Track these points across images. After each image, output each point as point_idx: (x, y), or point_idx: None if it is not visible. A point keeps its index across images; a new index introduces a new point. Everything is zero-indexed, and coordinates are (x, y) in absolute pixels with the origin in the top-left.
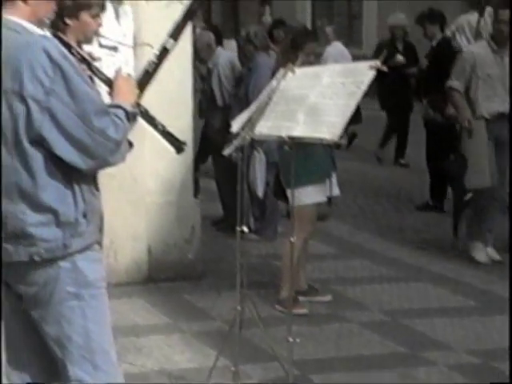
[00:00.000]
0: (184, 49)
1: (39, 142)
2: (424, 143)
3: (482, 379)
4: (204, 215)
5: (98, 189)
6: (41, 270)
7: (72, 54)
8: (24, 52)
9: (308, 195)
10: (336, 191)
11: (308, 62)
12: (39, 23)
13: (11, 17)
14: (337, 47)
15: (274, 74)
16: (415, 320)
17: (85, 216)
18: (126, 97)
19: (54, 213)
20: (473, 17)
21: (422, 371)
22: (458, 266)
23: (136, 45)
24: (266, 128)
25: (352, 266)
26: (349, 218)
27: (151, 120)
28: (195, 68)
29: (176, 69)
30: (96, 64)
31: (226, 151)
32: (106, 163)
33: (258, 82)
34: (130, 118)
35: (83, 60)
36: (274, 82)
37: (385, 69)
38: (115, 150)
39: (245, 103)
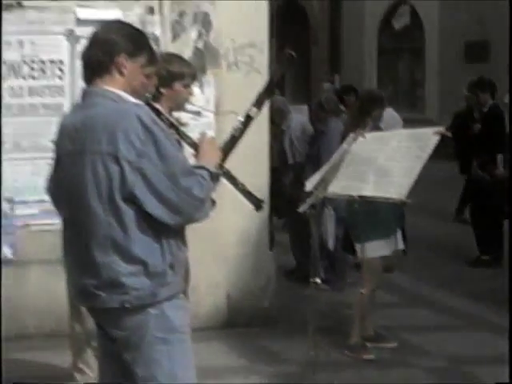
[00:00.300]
0: (262, 113)
1: (131, 200)
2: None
3: None
4: (277, 266)
5: (184, 243)
6: (132, 316)
7: (162, 119)
8: (119, 118)
9: (375, 249)
10: (401, 245)
11: (375, 127)
12: (133, 92)
13: (108, 87)
14: (388, 112)
15: (343, 136)
16: (476, 367)
17: (171, 267)
18: (210, 159)
19: (144, 264)
20: None
21: None
22: None
23: (219, 112)
24: (338, 187)
25: (415, 314)
26: (412, 270)
27: (233, 180)
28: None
29: (254, 131)
30: (183, 128)
31: (301, 208)
32: (191, 219)
33: (330, 144)
34: (214, 178)
35: (172, 125)
36: (345, 145)
37: (449, 134)
38: (200, 207)
39: (317, 163)
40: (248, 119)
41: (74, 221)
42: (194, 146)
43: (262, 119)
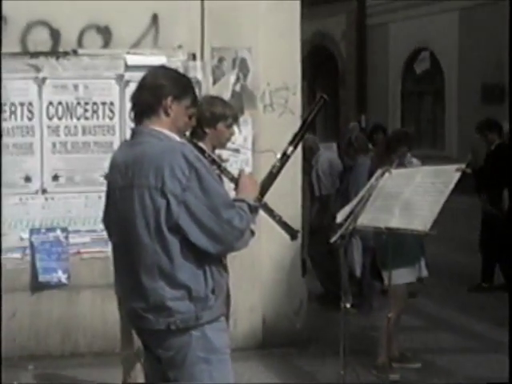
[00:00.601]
0: (297, 151)
1: (176, 230)
2: None
3: None
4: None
5: (225, 270)
6: (176, 338)
7: (204, 156)
8: (165, 156)
9: (401, 276)
10: (425, 272)
11: (401, 164)
12: (178, 131)
13: (155, 127)
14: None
15: (371, 172)
16: None
17: (213, 292)
18: (249, 193)
19: (188, 289)
20: None
21: None
22: None
23: (256, 150)
24: (366, 220)
25: (439, 337)
26: (436, 296)
27: (270, 212)
28: None
29: (289, 167)
30: (224, 164)
31: (333, 239)
32: (232, 249)
33: (358, 179)
34: (252, 210)
35: (213, 161)
36: (373, 180)
37: (469, 171)
38: (240, 237)
39: (346, 197)
40: (285, 157)
41: (124, 249)
42: (235, 180)
43: (296, 156)
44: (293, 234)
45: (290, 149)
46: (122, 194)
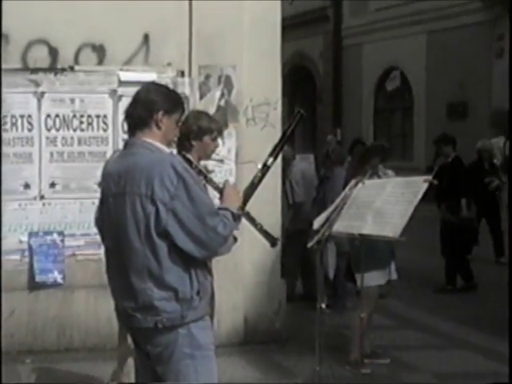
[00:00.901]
0: (277, 162)
1: (164, 235)
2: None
3: None
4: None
5: (210, 273)
6: (163, 335)
7: (192, 167)
8: (156, 166)
9: (372, 279)
10: (394, 275)
11: (376, 174)
12: (168, 143)
13: (147, 139)
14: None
15: (346, 182)
16: (460, 382)
17: (198, 294)
18: (233, 202)
19: (175, 291)
20: (500, 140)
21: None
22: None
23: (239, 161)
24: (341, 226)
25: (407, 335)
26: (405, 297)
27: (252, 220)
28: None
29: (270, 177)
30: (209, 175)
31: (309, 244)
32: (215, 253)
33: (334, 189)
34: (236, 218)
35: (200, 172)
36: (347, 190)
37: (435, 182)
38: (223, 243)
39: (323, 205)
40: (265, 168)
41: (116, 252)
42: (219, 190)
43: (276, 167)
44: (273, 241)
45: (271, 160)
46: (115, 201)
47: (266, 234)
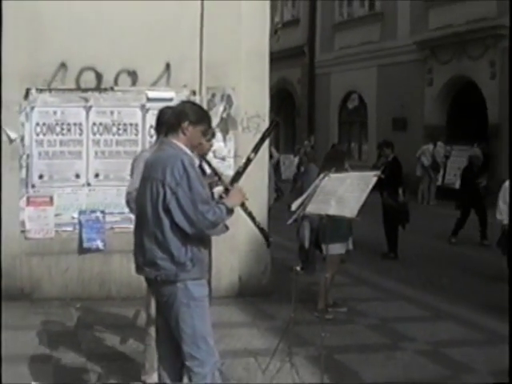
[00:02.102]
0: (263, 157)
1: (167, 212)
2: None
3: None
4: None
5: (205, 247)
6: (166, 287)
7: (212, 169)
8: (170, 159)
9: (335, 249)
10: (351, 246)
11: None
12: (192, 147)
13: (174, 140)
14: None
15: (318, 175)
16: (399, 326)
17: (191, 260)
18: (234, 200)
19: (171, 255)
20: (430, 146)
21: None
22: (425, 293)
23: (236, 158)
24: (312, 209)
25: (360, 291)
26: (358, 262)
27: (253, 218)
28: None
29: (258, 171)
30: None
31: (288, 222)
32: (202, 233)
33: (309, 180)
34: (229, 212)
35: (216, 173)
36: (317, 181)
37: (382, 176)
38: (210, 226)
39: (300, 193)
40: (248, 161)
41: (139, 220)
42: (226, 188)
43: (264, 163)
44: (268, 240)
45: (253, 154)
46: (144, 184)
47: (262, 231)
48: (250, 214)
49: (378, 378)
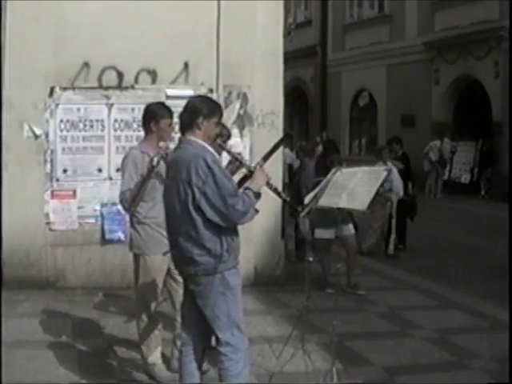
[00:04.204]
0: (278, 160)
1: (198, 210)
2: None
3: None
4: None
5: (237, 234)
6: (204, 278)
7: (232, 155)
8: (192, 160)
9: (321, 233)
10: (349, 232)
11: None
12: (209, 139)
13: (191, 137)
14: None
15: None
16: (408, 314)
17: (227, 251)
18: (259, 181)
19: (208, 250)
20: (437, 142)
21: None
22: (431, 282)
23: (252, 155)
24: (324, 202)
25: (371, 280)
26: (371, 253)
27: (278, 193)
28: None
29: (270, 166)
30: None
31: (302, 214)
32: (236, 223)
33: (305, 175)
34: (256, 195)
35: (236, 159)
36: (329, 176)
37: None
38: (241, 216)
39: (296, 188)
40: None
41: (171, 218)
42: (250, 172)
43: (278, 164)
44: (295, 211)
45: (262, 162)
46: (169, 183)
47: (289, 205)
48: (276, 191)
49: (386, 364)
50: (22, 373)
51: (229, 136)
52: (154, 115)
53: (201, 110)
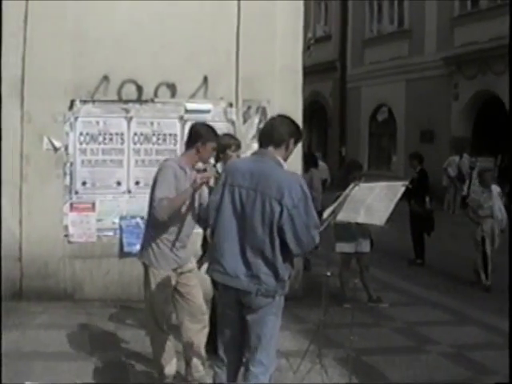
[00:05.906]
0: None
1: (280, 230)
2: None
3: None
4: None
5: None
6: (262, 298)
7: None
8: (287, 181)
9: (341, 247)
10: (365, 249)
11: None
12: (285, 160)
13: (275, 154)
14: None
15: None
16: (423, 329)
17: (289, 277)
18: None
19: (277, 272)
20: (456, 158)
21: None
22: (449, 298)
23: None
24: (342, 216)
25: (388, 295)
26: (387, 268)
27: None
28: None
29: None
30: None
31: (320, 229)
32: (304, 253)
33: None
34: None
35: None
36: (347, 191)
37: (410, 186)
38: (313, 246)
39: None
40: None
41: (236, 228)
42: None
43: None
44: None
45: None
46: (246, 193)
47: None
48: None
49: (403, 379)
50: None
51: (238, 146)
52: (202, 136)
53: (291, 132)
